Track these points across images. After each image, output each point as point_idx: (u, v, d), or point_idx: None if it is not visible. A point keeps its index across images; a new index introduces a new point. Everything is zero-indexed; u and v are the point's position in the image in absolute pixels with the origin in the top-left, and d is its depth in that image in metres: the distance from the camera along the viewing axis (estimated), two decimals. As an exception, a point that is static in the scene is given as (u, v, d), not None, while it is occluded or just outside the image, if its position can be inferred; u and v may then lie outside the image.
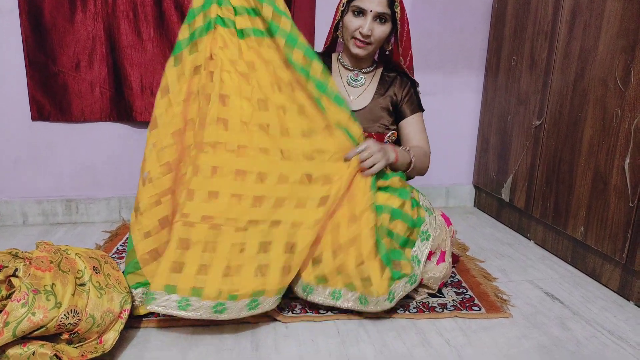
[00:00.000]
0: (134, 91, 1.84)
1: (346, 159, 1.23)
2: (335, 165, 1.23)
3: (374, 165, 1.22)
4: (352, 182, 1.22)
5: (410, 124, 1.46)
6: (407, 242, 1.25)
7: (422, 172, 1.44)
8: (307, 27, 1.89)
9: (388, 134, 1.46)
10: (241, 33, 1.24)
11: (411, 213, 1.24)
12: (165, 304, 1.07)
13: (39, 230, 1.87)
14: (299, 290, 1.23)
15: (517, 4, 1.84)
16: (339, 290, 1.19)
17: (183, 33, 1.25)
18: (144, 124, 1.91)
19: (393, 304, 1.18)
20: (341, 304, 1.19)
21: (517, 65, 1.85)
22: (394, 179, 1.27)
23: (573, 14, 1.53)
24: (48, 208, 1.92)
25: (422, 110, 1.49)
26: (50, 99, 1.81)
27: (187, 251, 1.11)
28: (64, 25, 1.76)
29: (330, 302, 1.20)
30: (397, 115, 1.47)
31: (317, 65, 1.23)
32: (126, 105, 1.86)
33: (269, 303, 1.15)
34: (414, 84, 1.49)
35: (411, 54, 1.44)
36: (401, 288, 1.19)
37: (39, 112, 1.82)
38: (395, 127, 1.48)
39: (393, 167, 1.30)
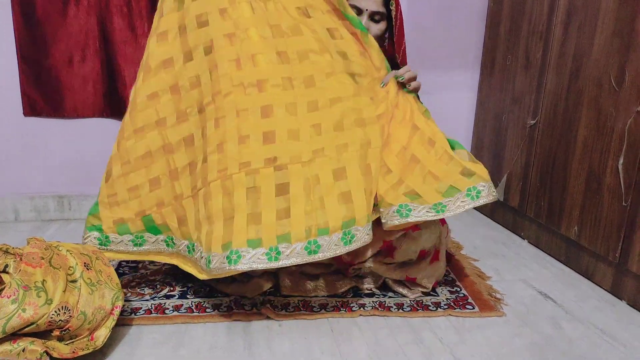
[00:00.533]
0: (128, 87, 1.83)
1: (384, 84, 1.26)
2: (376, 87, 1.25)
3: (416, 80, 1.27)
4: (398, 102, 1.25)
5: None
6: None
7: None
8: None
9: None
10: None
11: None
12: (254, 260, 1.02)
13: (31, 226, 1.85)
14: (391, 216, 1.13)
15: (512, 3, 1.84)
16: (440, 202, 1.13)
17: None
18: (138, 120, 1.90)
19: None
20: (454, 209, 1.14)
21: (512, 65, 1.85)
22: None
23: (568, 14, 1.54)
24: (40, 204, 1.90)
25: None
26: (43, 94, 1.80)
27: (259, 200, 1.05)
28: (56, 20, 1.74)
29: (433, 215, 1.14)
30: None
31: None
32: (119, 100, 1.84)
33: (362, 235, 1.09)
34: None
35: (404, 50, 1.44)
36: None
37: (31, 108, 1.80)
38: None
39: None
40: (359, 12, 1.33)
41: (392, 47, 1.44)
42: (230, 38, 1.13)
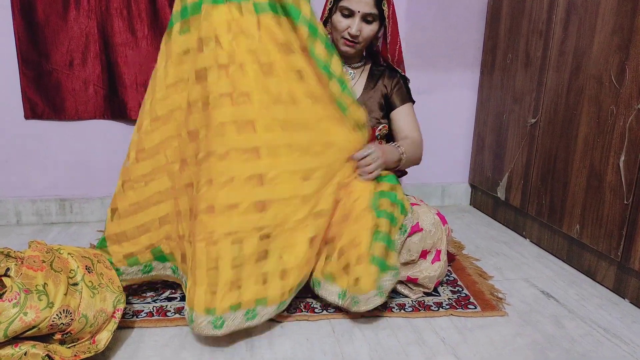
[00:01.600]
0: (128, 89, 1.83)
1: (353, 159, 1.25)
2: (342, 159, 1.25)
3: (374, 172, 1.26)
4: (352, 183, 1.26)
5: (400, 114, 1.47)
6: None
7: (415, 162, 1.46)
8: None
9: (379, 127, 1.47)
10: (257, 7, 1.13)
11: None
12: (233, 323, 1.08)
13: (33, 229, 1.85)
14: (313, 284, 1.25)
15: (512, 1, 1.84)
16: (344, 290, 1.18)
17: (176, 5, 1.19)
18: (139, 122, 1.90)
19: (384, 298, 1.16)
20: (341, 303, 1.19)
21: (512, 63, 1.85)
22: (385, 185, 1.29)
23: (568, 12, 1.53)
24: (42, 207, 1.91)
25: (413, 101, 1.50)
26: (44, 97, 1.80)
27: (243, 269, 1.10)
28: (57, 23, 1.74)
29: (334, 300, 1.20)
30: (387, 107, 1.48)
31: (337, 61, 1.20)
32: (120, 103, 1.84)
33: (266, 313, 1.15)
34: (404, 77, 1.50)
35: (399, 49, 1.45)
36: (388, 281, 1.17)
37: (32, 111, 1.81)
38: (386, 120, 1.49)
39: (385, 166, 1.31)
40: (351, 13, 1.33)
41: (386, 48, 1.44)
42: (229, 97, 1.12)
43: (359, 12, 1.32)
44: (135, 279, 1.28)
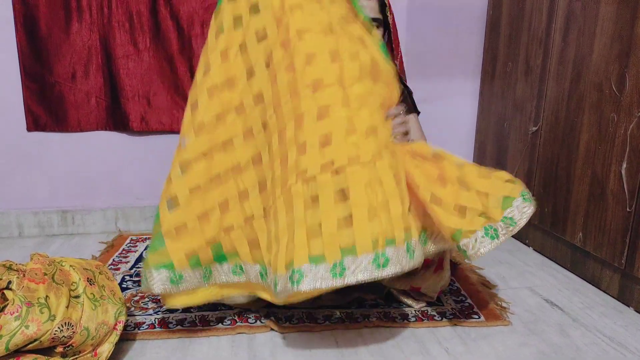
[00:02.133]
0: (130, 101, 1.84)
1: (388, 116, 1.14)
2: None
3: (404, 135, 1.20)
4: None
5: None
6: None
7: None
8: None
9: None
10: None
11: None
12: (317, 278, 0.92)
13: (35, 242, 1.85)
14: (479, 242, 1.06)
15: (511, 10, 1.85)
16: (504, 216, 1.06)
17: None
18: (141, 133, 1.91)
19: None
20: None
21: (512, 72, 1.85)
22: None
23: (567, 20, 1.54)
24: (44, 219, 1.91)
25: (418, 112, 1.49)
26: (46, 109, 1.81)
27: (318, 210, 0.96)
28: (59, 36, 1.76)
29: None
30: None
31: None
32: (122, 114, 1.85)
33: (419, 252, 1.01)
34: (408, 89, 1.49)
35: (401, 57, 1.45)
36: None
37: (35, 123, 1.82)
38: None
39: None
40: None
41: (392, 55, 1.45)
42: (285, 45, 1.07)
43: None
44: (198, 293, 1.12)
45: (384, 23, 1.37)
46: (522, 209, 1.04)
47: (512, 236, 1.90)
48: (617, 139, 1.34)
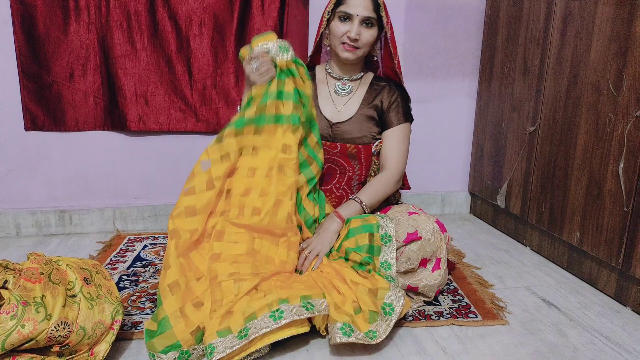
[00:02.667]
0: (128, 100, 1.84)
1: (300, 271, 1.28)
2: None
3: (320, 252, 1.30)
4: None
5: (390, 138, 1.44)
6: (373, 249, 1.25)
7: (384, 198, 1.44)
8: (299, 40, 1.89)
9: (375, 144, 1.45)
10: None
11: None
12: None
13: (33, 241, 1.85)
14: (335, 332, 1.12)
15: (509, 11, 1.85)
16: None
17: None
18: (138, 132, 1.91)
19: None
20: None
21: (510, 72, 1.85)
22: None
23: (564, 21, 1.54)
24: (41, 219, 1.90)
25: (411, 120, 1.47)
26: (44, 109, 1.81)
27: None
28: (57, 36, 1.76)
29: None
30: (382, 123, 1.45)
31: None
32: (120, 114, 1.85)
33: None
34: (404, 94, 1.47)
35: (398, 59, 1.44)
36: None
37: (33, 123, 1.81)
38: (381, 136, 1.46)
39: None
40: (349, 17, 1.33)
41: (389, 57, 1.44)
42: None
43: (357, 15, 1.32)
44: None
45: (379, 23, 1.37)
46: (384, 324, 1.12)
47: (510, 236, 1.91)
48: (615, 138, 1.34)
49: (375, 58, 1.51)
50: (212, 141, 1.25)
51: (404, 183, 1.54)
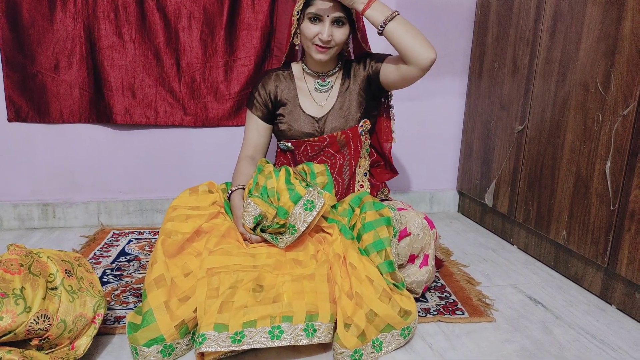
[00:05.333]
0: (114, 93, 1.81)
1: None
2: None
3: None
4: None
5: (389, 58, 1.42)
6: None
7: (419, 42, 1.39)
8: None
9: (360, 124, 1.45)
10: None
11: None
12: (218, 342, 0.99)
13: (14, 235, 1.81)
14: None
15: (499, 10, 1.86)
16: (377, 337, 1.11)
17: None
18: (124, 126, 1.87)
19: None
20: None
21: (499, 71, 1.86)
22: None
23: (554, 20, 1.55)
24: (24, 212, 1.87)
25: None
26: (28, 100, 1.77)
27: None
28: (42, 25, 1.72)
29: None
30: (375, 81, 1.44)
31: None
32: (106, 106, 1.82)
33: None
34: (370, 53, 1.47)
35: (369, 47, 1.47)
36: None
37: (16, 114, 1.77)
38: (366, 116, 1.46)
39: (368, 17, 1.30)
40: (320, 18, 1.32)
41: (359, 49, 1.48)
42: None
43: (327, 16, 1.31)
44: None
45: (349, 19, 1.36)
46: (393, 341, 1.11)
47: (497, 234, 1.92)
48: (602, 138, 1.35)
49: (346, 54, 1.52)
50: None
51: (392, 168, 1.57)
